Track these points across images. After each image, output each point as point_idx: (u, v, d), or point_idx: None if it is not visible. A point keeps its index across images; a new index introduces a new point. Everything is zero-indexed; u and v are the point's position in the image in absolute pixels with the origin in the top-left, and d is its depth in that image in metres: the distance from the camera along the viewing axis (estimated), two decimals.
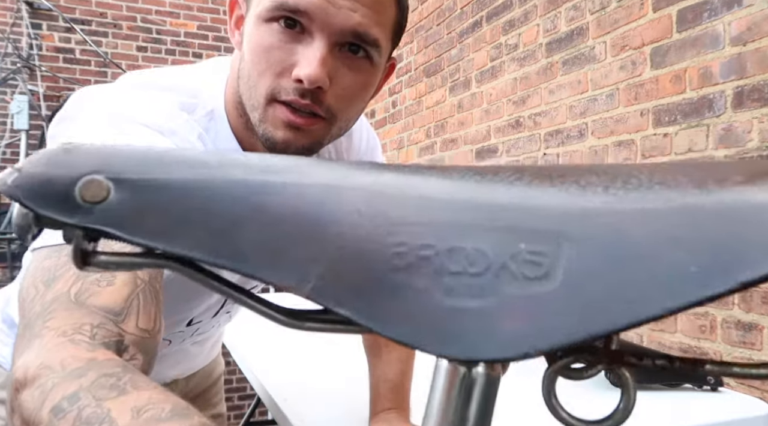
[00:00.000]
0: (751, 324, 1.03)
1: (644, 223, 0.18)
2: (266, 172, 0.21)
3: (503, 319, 0.18)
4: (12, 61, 2.89)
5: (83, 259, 0.22)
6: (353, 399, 0.90)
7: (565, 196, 0.19)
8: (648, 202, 0.18)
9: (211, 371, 0.97)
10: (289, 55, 0.52)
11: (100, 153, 0.22)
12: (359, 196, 0.21)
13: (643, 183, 0.19)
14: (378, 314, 0.19)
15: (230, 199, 0.21)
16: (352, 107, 0.57)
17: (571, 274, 0.18)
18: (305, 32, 0.52)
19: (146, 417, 0.32)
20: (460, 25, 1.98)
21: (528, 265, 0.18)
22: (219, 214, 0.21)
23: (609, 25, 1.35)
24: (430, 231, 0.20)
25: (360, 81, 0.55)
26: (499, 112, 1.76)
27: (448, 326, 0.19)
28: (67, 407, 0.32)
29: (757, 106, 1.01)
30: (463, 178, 0.21)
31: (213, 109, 0.59)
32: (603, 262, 0.18)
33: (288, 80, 0.52)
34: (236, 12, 0.58)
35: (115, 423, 0.31)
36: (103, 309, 0.41)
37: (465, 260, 0.19)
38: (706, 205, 0.17)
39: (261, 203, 0.21)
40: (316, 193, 0.21)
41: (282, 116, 0.53)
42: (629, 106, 1.29)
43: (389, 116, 2.53)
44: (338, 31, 0.51)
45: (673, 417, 0.86)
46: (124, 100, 0.55)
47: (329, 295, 0.20)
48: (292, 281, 0.20)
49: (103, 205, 0.21)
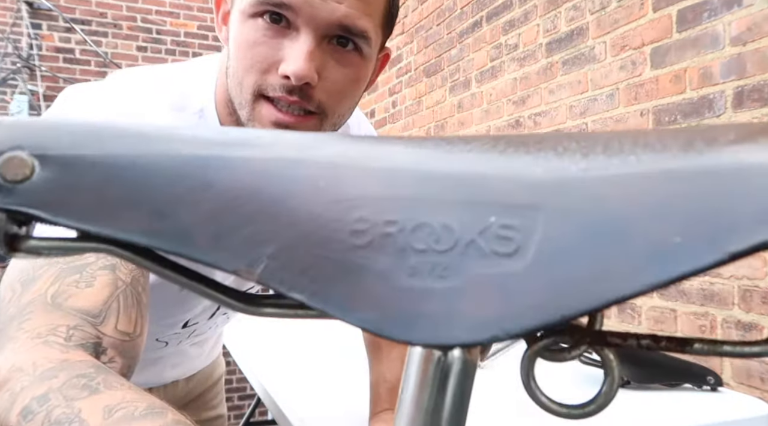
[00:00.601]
0: (751, 324, 1.03)
1: (624, 190, 0.16)
2: (215, 145, 0.19)
3: (469, 301, 0.17)
4: (12, 61, 2.89)
5: (11, 244, 0.20)
6: (353, 399, 0.90)
7: (541, 164, 0.17)
8: (629, 167, 0.16)
9: (212, 372, 0.96)
10: (275, 51, 0.50)
11: (25, 127, 0.20)
12: (318, 170, 0.19)
13: (624, 148, 0.17)
14: (335, 298, 0.18)
15: (171, 175, 0.19)
16: (344, 102, 0.55)
17: (544, 249, 0.16)
18: (291, 27, 0.50)
19: (118, 416, 0.31)
20: (460, 25, 1.98)
21: (498, 240, 0.17)
22: (158, 193, 0.19)
23: (609, 25, 1.35)
24: (393, 205, 0.18)
25: (350, 74, 0.53)
26: (499, 112, 1.76)
27: (411, 309, 0.17)
28: (37, 408, 0.32)
29: (757, 106, 1.01)
30: (433, 148, 0.19)
31: (203, 107, 0.58)
32: (579, 236, 0.16)
33: (275, 76, 0.51)
34: (222, 8, 0.57)
35: (86, 423, 0.30)
36: (81, 311, 0.40)
37: (430, 237, 0.17)
38: (692, 168, 0.16)
39: (206, 180, 0.19)
40: (270, 167, 0.19)
41: (269, 114, 0.52)
42: (629, 106, 1.29)
43: (389, 116, 2.53)
44: (324, 24, 0.50)
45: (673, 417, 0.86)
46: (111, 98, 0.54)
47: (282, 279, 0.18)
48: (242, 264, 0.18)
49: (26, 185, 0.19)
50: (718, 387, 0.98)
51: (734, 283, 1.06)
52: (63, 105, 0.54)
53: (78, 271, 0.42)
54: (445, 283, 0.17)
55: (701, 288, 1.12)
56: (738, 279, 1.05)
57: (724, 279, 1.07)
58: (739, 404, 0.93)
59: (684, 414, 0.87)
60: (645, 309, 1.24)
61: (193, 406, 0.90)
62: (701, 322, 1.12)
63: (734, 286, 1.06)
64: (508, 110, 1.71)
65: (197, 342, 0.82)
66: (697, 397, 0.95)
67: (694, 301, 1.13)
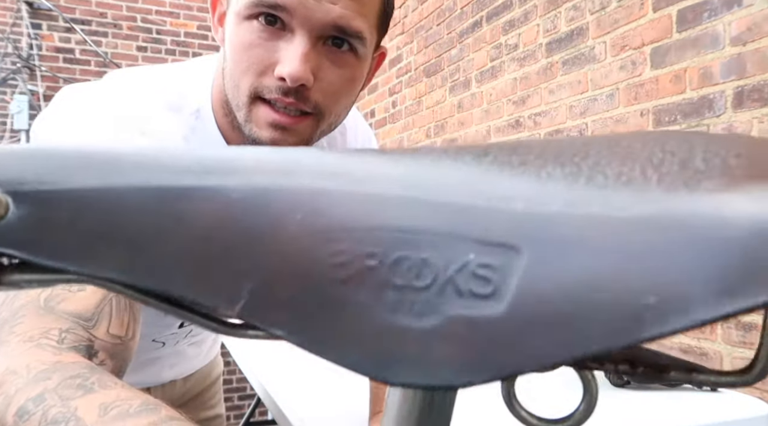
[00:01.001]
0: (751, 324, 1.03)
1: (604, 235, 0.16)
2: (189, 173, 0.19)
3: (445, 343, 0.16)
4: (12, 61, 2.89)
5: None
6: (353, 399, 0.90)
7: (523, 196, 0.17)
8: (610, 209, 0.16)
9: (210, 372, 0.96)
10: (270, 53, 0.51)
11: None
12: (296, 199, 0.18)
13: (608, 181, 0.17)
14: (315, 335, 0.17)
15: (143, 209, 0.18)
16: (340, 102, 0.55)
17: (522, 293, 0.16)
18: (286, 28, 0.51)
19: (113, 414, 0.31)
20: (460, 25, 1.98)
21: (476, 280, 0.16)
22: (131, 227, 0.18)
23: (609, 25, 1.35)
24: (374, 237, 0.17)
25: (346, 75, 0.54)
26: (499, 112, 1.76)
27: (390, 349, 0.17)
28: (32, 408, 0.32)
29: (757, 106, 1.01)
30: (416, 168, 0.18)
31: (199, 108, 0.58)
32: (558, 282, 0.15)
33: (271, 78, 0.51)
34: (218, 9, 0.57)
35: (82, 421, 0.31)
36: (73, 314, 0.41)
37: (411, 272, 0.17)
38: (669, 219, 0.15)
39: (179, 212, 0.18)
40: (248, 197, 0.18)
41: (266, 116, 0.52)
42: (629, 106, 1.29)
43: (389, 116, 2.53)
44: (319, 25, 0.50)
45: (673, 417, 0.86)
46: (107, 99, 0.54)
47: (262, 315, 0.17)
48: (221, 301, 0.17)
49: (1, 225, 0.18)
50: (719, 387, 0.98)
51: None
52: (59, 105, 0.54)
53: None
54: (423, 323, 0.16)
55: None
56: None
57: None
58: (739, 404, 0.93)
59: (684, 414, 0.87)
60: None
61: (191, 406, 0.90)
62: None
63: None
64: (508, 110, 1.71)
65: (195, 342, 0.82)
66: (697, 397, 0.95)
67: None
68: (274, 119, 0.52)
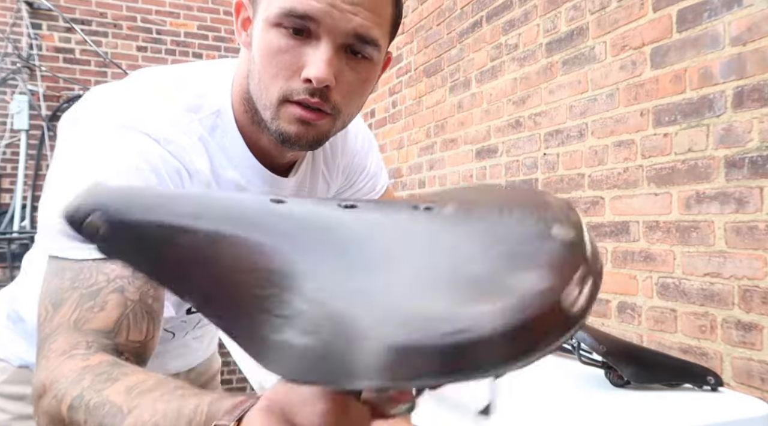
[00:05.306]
0: (751, 324, 1.03)
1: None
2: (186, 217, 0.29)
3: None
4: (12, 61, 2.89)
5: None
6: None
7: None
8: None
9: (209, 367, 1.01)
10: (297, 58, 0.57)
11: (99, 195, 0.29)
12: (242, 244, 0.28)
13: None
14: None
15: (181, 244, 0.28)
16: (355, 102, 0.62)
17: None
18: (312, 36, 0.57)
19: (136, 392, 0.41)
20: (460, 25, 1.98)
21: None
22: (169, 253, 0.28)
23: (609, 25, 1.35)
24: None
25: (362, 78, 0.61)
26: (499, 112, 1.76)
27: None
28: (78, 403, 0.43)
29: (757, 106, 1.01)
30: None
31: (219, 107, 0.65)
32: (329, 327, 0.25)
33: (298, 82, 0.57)
34: (242, 14, 0.63)
35: (114, 402, 0.41)
36: (96, 331, 0.50)
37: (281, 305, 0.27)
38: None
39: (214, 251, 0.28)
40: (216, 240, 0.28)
41: (295, 113, 0.59)
42: (629, 106, 1.29)
43: (389, 116, 2.53)
44: (342, 33, 0.56)
45: (673, 417, 0.86)
46: (129, 105, 0.60)
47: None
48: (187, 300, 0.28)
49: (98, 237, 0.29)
50: (719, 387, 0.98)
51: (734, 283, 1.06)
52: (87, 110, 0.60)
53: (92, 298, 0.51)
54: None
55: (701, 288, 1.12)
56: (738, 279, 1.05)
57: (725, 279, 1.07)
58: (739, 404, 0.93)
59: (684, 414, 0.87)
60: (645, 309, 1.24)
61: None
62: (701, 322, 1.12)
63: (734, 286, 1.06)
64: (508, 110, 1.72)
65: (199, 336, 0.87)
66: (697, 397, 0.95)
67: (694, 301, 1.13)
68: (301, 115, 0.59)
